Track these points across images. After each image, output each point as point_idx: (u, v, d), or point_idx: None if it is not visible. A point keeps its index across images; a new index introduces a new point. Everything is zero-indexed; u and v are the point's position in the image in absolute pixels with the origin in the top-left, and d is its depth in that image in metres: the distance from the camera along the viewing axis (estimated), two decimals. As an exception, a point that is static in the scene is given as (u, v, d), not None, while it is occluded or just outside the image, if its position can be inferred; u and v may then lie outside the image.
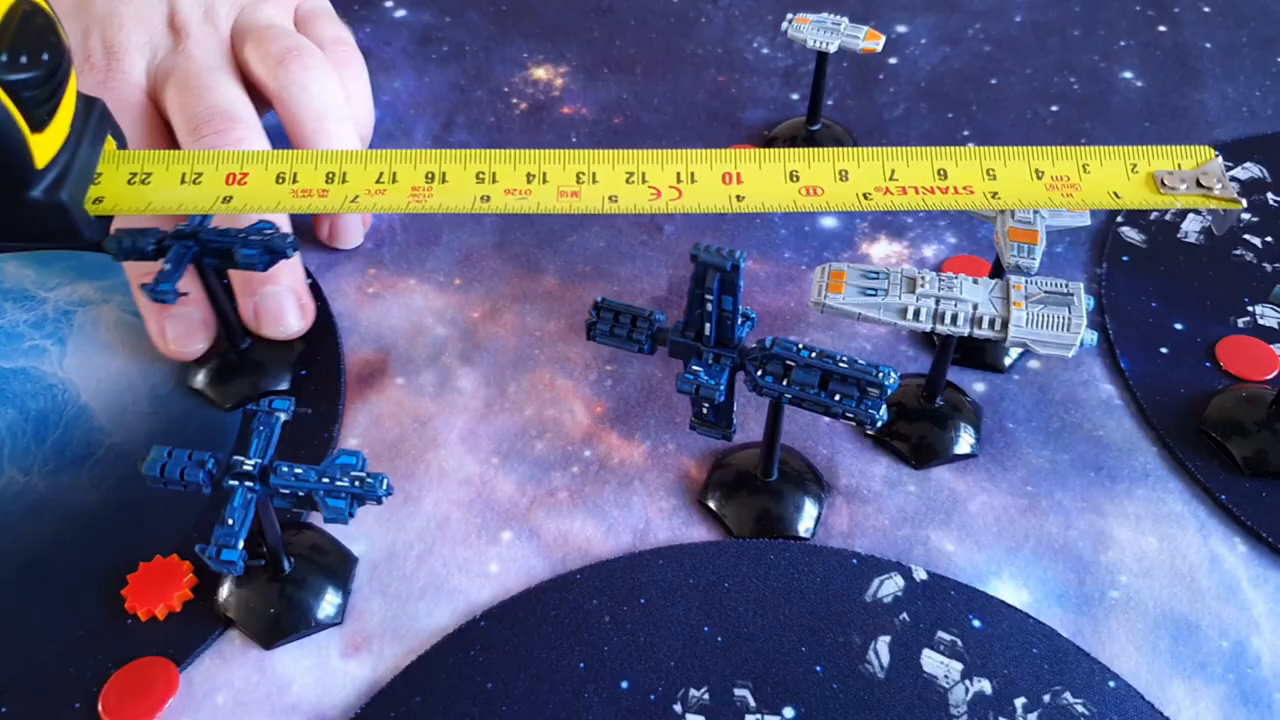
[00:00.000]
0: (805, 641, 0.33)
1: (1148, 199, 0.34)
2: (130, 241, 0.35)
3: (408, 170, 0.35)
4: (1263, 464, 0.37)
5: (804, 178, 0.35)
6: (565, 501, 0.37)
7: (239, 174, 0.35)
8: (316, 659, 0.33)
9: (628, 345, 0.34)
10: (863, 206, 0.34)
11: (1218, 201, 0.34)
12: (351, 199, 0.34)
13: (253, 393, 0.40)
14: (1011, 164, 0.35)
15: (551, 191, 0.34)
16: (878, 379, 0.31)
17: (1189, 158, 0.35)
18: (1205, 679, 0.32)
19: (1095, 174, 0.35)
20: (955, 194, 0.34)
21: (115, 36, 0.43)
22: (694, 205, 0.34)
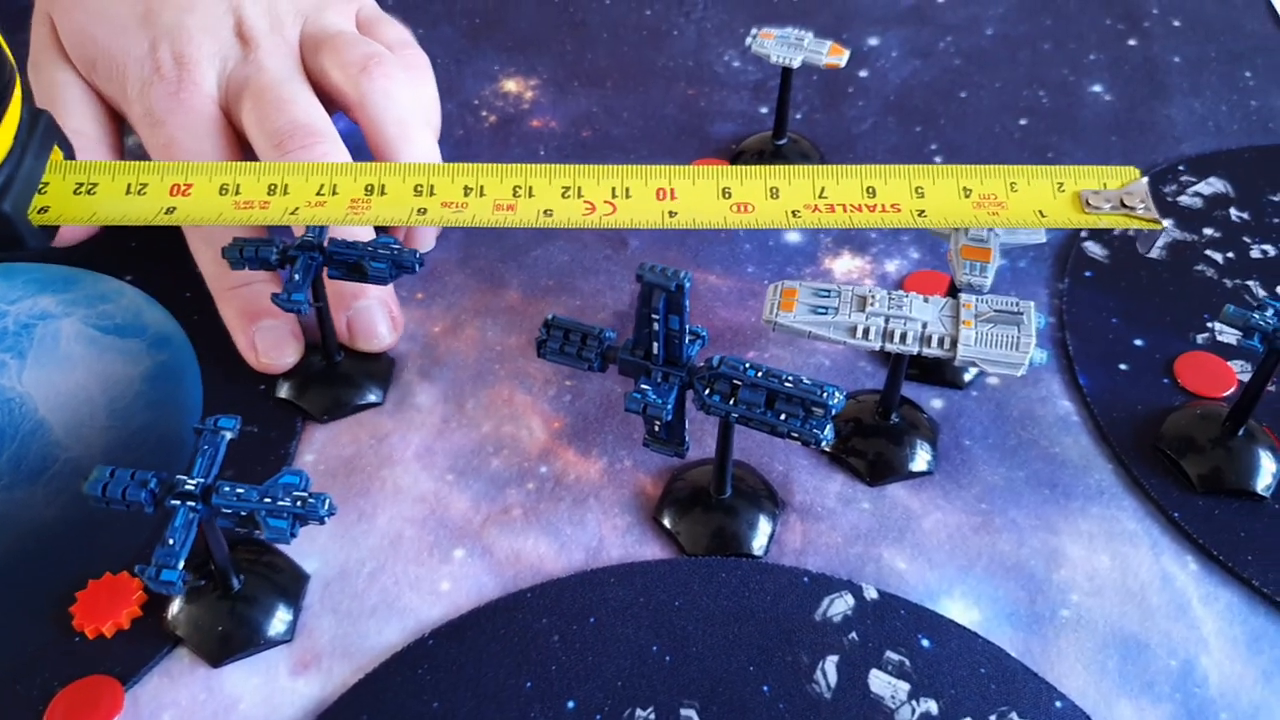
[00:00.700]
0: (753, 661, 0.33)
1: (1072, 218, 0.35)
2: (252, 251, 0.35)
3: (348, 183, 0.35)
4: (1217, 482, 0.37)
5: (735, 194, 0.35)
6: (519, 519, 0.37)
7: (183, 185, 0.35)
8: (265, 677, 0.33)
9: (577, 363, 0.34)
10: (791, 224, 0.34)
11: (1140, 222, 0.35)
12: (291, 211, 0.34)
13: (343, 404, 0.40)
14: (940, 182, 0.35)
15: (488, 205, 0.34)
16: (822, 399, 0.31)
17: (1115, 178, 0.36)
18: (1152, 698, 0.32)
19: (1022, 192, 0.35)
20: (883, 212, 0.35)
21: (185, 48, 0.43)
22: (627, 220, 0.34)
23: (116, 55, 0.43)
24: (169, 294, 0.44)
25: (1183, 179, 0.49)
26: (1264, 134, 0.52)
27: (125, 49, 0.43)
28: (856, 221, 0.35)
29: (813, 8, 0.60)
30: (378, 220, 0.34)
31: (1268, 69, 0.56)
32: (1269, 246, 0.46)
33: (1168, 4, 0.60)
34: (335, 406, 0.40)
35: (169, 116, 0.42)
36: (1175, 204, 0.48)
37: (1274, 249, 0.46)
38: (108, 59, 0.43)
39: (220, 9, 0.44)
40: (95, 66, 0.44)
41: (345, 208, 0.34)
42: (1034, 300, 0.44)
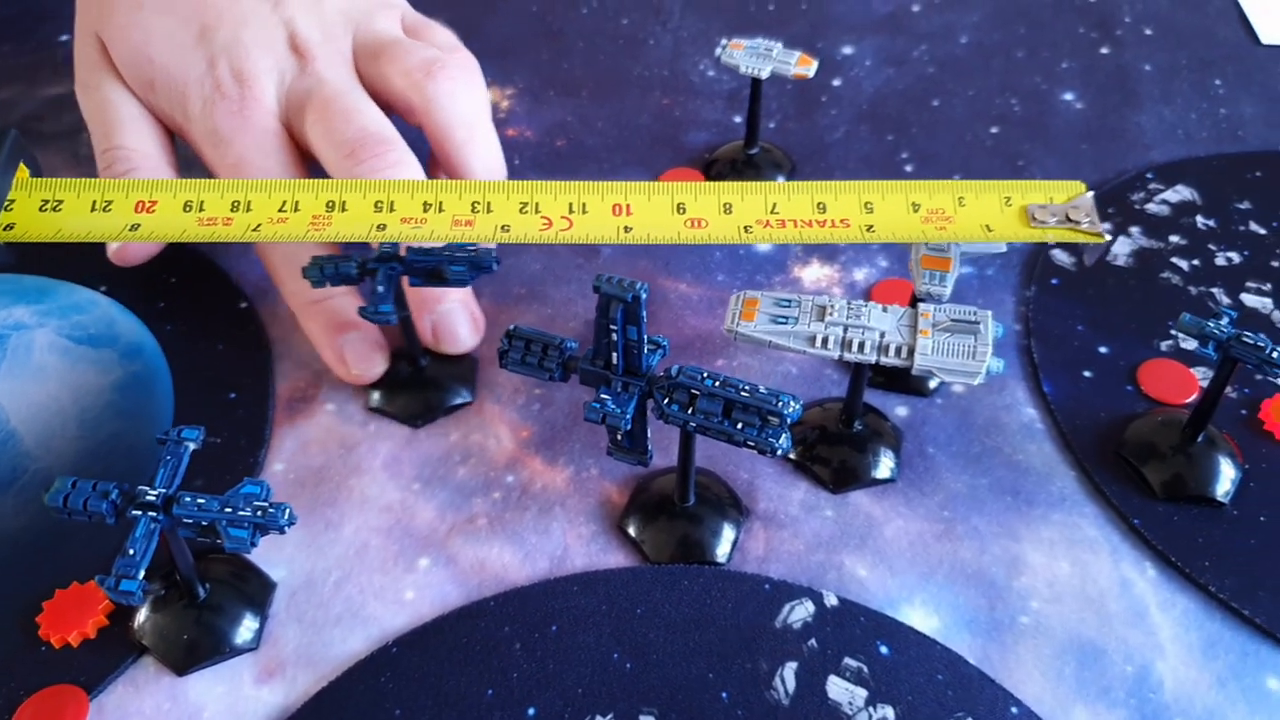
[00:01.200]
0: (713, 668, 0.33)
1: (1018, 232, 0.35)
2: (332, 268, 0.36)
3: (309, 199, 0.35)
4: (1177, 488, 0.37)
5: (690, 210, 0.35)
6: (484, 528, 0.37)
7: (148, 202, 0.35)
8: (229, 685, 0.33)
9: (538, 373, 0.34)
10: (743, 239, 0.35)
11: (1084, 236, 0.35)
12: (254, 227, 0.35)
13: (434, 408, 0.41)
14: (890, 197, 0.36)
15: (446, 220, 0.35)
16: (777, 408, 0.31)
17: (1062, 192, 0.36)
18: (1107, 704, 0.33)
19: (970, 207, 0.36)
20: (832, 227, 0.35)
21: (243, 64, 0.43)
22: (583, 236, 0.35)
23: (176, 75, 0.43)
24: (143, 304, 0.44)
25: (1151, 186, 0.49)
26: (1233, 142, 0.52)
27: (184, 69, 0.43)
28: (806, 237, 0.35)
29: (789, 17, 0.61)
30: (338, 237, 0.35)
31: (1238, 77, 0.56)
32: (1233, 254, 0.46)
33: (1141, 12, 0.61)
34: (427, 410, 0.40)
35: (235, 135, 0.42)
36: (1143, 211, 0.48)
37: (1238, 256, 0.46)
38: (167, 79, 0.43)
39: (273, 22, 0.44)
40: (154, 87, 0.44)
41: (307, 224, 0.35)
42: (1001, 307, 0.44)
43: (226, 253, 0.47)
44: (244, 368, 0.42)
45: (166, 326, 0.44)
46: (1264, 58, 0.57)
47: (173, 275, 0.46)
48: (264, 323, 0.44)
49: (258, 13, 0.44)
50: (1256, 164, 0.51)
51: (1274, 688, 0.33)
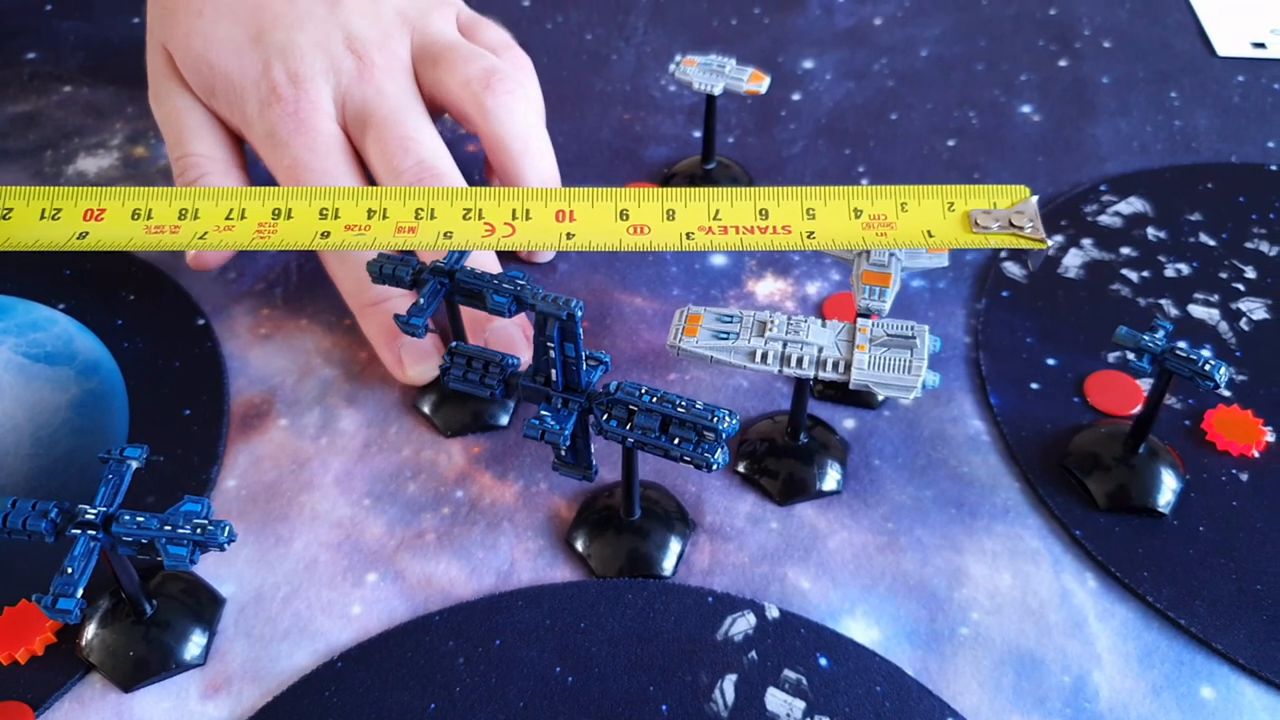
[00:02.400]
0: (654, 681, 0.33)
1: (959, 238, 0.35)
2: (391, 268, 0.36)
3: (256, 207, 0.36)
4: (1120, 499, 0.38)
5: (633, 216, 0.36)
6: (432, 543, 0.38)
7: (97, 210, 0.36)
8: (175, 701, 0.34)
9: (480, 390, 0.34)
10: (685, 246, 0.35)
11: (1027, 241, 0.35)
12: (200, 235, 0.35)
13: (475, 422, 0.41)
14: (832, 203, 0.36)
15: (390, 228, 0.35)
16: (713, 423, 0.32)
17: (1005, 197, 0.36)
18: (1043, 714, 0.33)
19: (912, 213, 0.36)
20: (774, 234, 0.35)
21: (298, 66, 0.43)
22: (524, 242, 0.35)
23: (234, 79, 0.44)
24: (102, 322, 0.45)
25: (1104, 198, 0.50)
26: (1186, 153, 0.53)
27: (242, 72, 0.44)
28: (748, 244, 0.35)
29: (751, 31, 0.61)
30: (283, 245, 0.35)
31: (1193, 89, 0.57)
32: (1183, 265, 0.47)
33: (1100, 25, 0.61)
34: (463, 426, 0.41)
35: (291, 138, 0.42)
36: (1095, 223, 0.49)
37: (1188, 268, 0.46)
38: (226, 84, 0.44)
39: (329, 23, 0.45)
40: (215, 92, 0.44)
41: (252, 232, 0.35)
42: (951, 320, 0.45)
43: (186, 270, 0.47)
44: (199, 384, 0.43)
45: (124, 344, 0.44)
46: (1220, 70, 0.58)
47: (131, 293, 0.46)
48: (220, 339, 0.44)
49: (314, 14, 0.45)
50: (1208, 175, 0.51)
51: (1208, 696, 0.33)
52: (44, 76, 0.59)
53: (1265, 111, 0.55)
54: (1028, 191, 0.36)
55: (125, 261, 0.48)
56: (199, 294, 0.46)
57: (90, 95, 0.57)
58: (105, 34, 0.61)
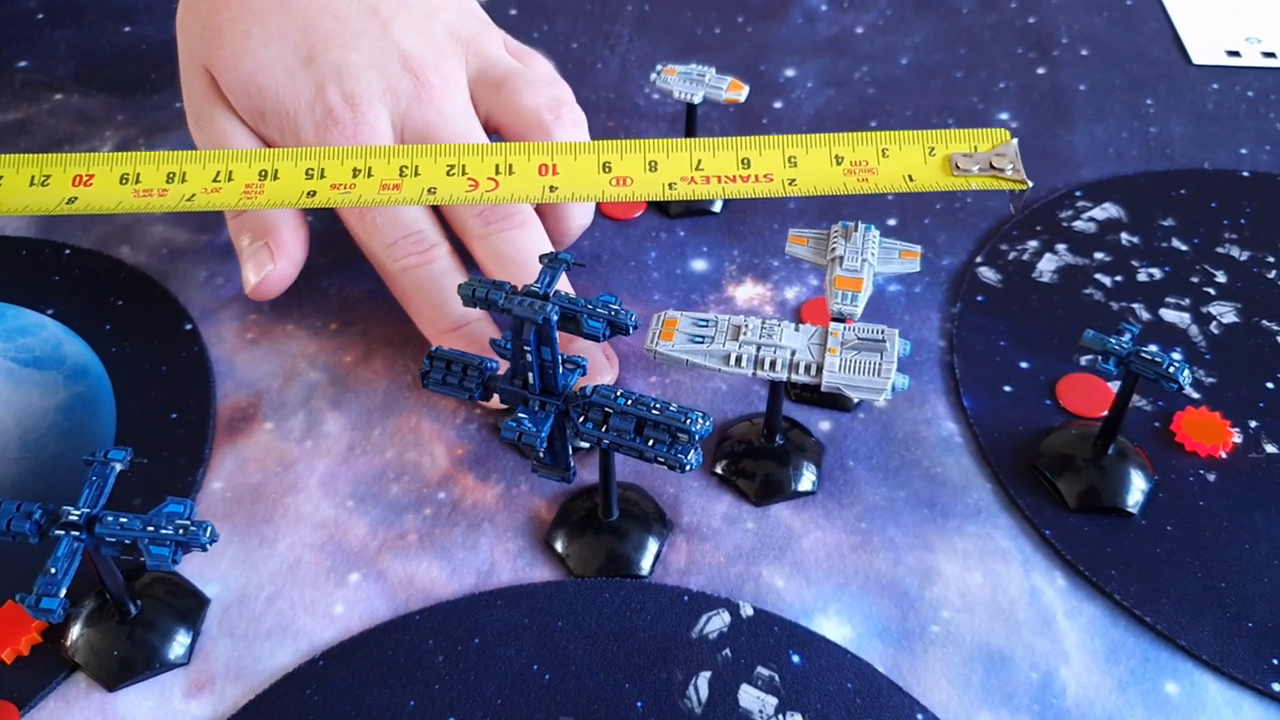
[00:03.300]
0: (629, 678, 0.34)
1: (940, 181, 0.36)
2: (484, 292, 0.36)
3: (243, 169, 0.36)
4: (1090, 500, 0.38)
5: (615, 169, 0.37)
6: (414, 544, 0.38)
7: (85, 175, 0.36)
8: (159, 700, 0.34)
9: (459, 393, 0.35)
10: (667, 196, 0.36)
11: (1008, 183, 0.36)
12: (188, 197, 0.36)
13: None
14: (813, 150, 0.37)
15: (375, 185, 0.36)
16: (686, 425, 0.32)
17: (985, 141, 0.37)
18: (1011, 710, 0.34)
19: (893, 158, 0.37)
20: (756, 182, 0.36)
21: (354, 87, 0.42)
22: (508, 195, 0.36)
23: (286, 103, 0.43)
24: (90, 327, 0.45)
25: (1079, 204, 0.51)
26: (1161, 159, 0.53)
27: (295, 95, 0.43)
28: (729, 192, 0.36)
29: (734, 40, 0.62)
30: (270, 204, 0.36)
31: (1169, 96, 0.58)
32: (1155, 270, 0.47)
33: (1078, 33, 0.62)
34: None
35: None
36: (1070, 229, 0.49)
37: (1160, 272, 0.47)
38: (277, 107, 0.43)
39: (383, 42, 0.44)
40: (264, 117, 0.43)
41: (240, 192, 0.36)
42: (927, 324, 0.46)
43: (174, 276, 0.48)
44: (186, 388, 0.43)
45: (112, 348, 0.45)
46: (1195, 77, 0.59)
47: (120, 298, 0.47)
48: (208, 344, 0.45)
49: (367, 34, 0.44)
50: (1182, 181, 0.52)
51: (1172, 691, 0.34)
52: (35, 85, 0.59)
53: (1238, 118, 0.56)
54: (1008, 134, 0.37)
55: (114, 267, 0.48)
56: (187, 299, 0.47)
57: (81, 103, 0.58)
58: (96, 42, 0.62)
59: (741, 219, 0.51)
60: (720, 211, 0.51)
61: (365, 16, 0.44)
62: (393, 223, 0.42)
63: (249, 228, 0.43)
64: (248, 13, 0.44)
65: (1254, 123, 0.56)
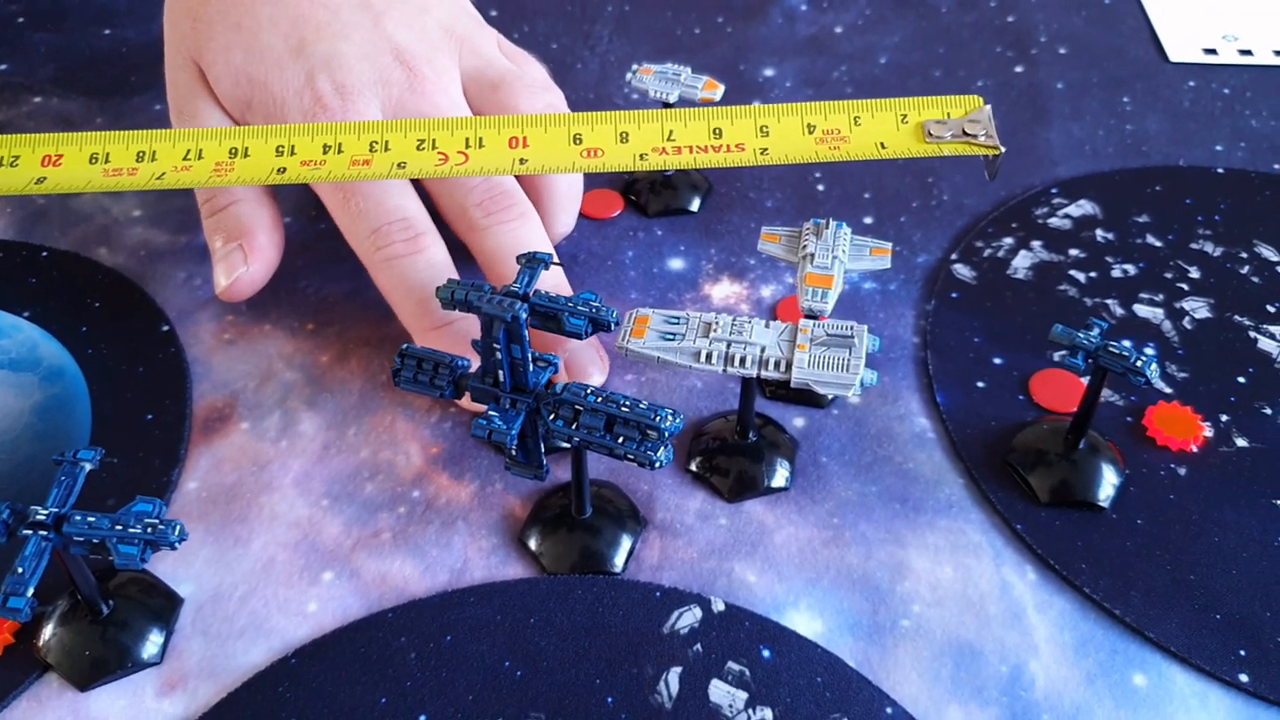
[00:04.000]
0: (600, 674, 0.34)
1: (912, 148, 0.36)
2: (464, 293, 0.35)
3: (213, 146, 0.36)
4: (1062, 494, 0.39)
5: (586, 140, 0.37)
6: (388, 542, 0.38)
7: (54, 155, 0.36)
8: (131, 699, 0.34)
9: (430, 391, 0.35)
10: (638, 166, 0.36)
11: (980, 149, 0.36)
12: (158, 176, 0.36)
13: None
14: (785, 119, 0.37)
15: (345, 161, 0.36)
16: (655, 422, 0.32)
17: (958, 107, 0.37)
18: (980, 703, 0.34)
19: (865, 126, 0.37)
20: (728, 152, 0.36)
21: (345, 77, 0.42)
22: (478, 168, 0.36)
23: (274, 90, 0.43)
24: (67, 329, 0.45)
25: (1054, 201, 0.51)
26: (1136, 156, 0.54)
27: (283, 83, 0.43)
28: (701, 162, 0.36)
29: (714, 40, 0.62)
30: (240, 181, 0.36)
31: (1146, 93, 0.58)
32: (1129, 266, 0.48)
33: (1056, 32, 0.63)
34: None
35: None
36: (1045, 226, 0.50)
37: (1134, 268, 0.48)
38: (265, 95, 0.43)
39: (375, 34, 0.44)
40: (252, 107, 0.43)
41: (210, 170, 0.36)
42: (901, 321, 0.46)
43: (152, 277, 0.48)
44: (163, 389, 0.43)
45: (89, 350, 0.45)
46: (1172, 75, 0.59)
47: (97, 300, 0.47)
48: (185, 345, 0.45)
49: (360, 25, 0.44)
50: (1157, 178, 0.52)
51: (1140, 683, 0.34)
52: (15, 87, 0.59)
53: (1214, 116, 0.56)
54: (980, 100, 0.37)
55: (91, 269, 0.48)
56: (164, 300, 0.47)
57: (60, 106, 0.58)
58: (76, 45, 0.62)
59: (719, 218, 0.51)
60: (698, 210, 0.51)
61: (357, 9, 0.44)
62: (377, 208, 0.42)
63: (223, 229, 0.43)
64: (238, 4, 0.44)
65: (1229, 120, 0.56)
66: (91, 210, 0.52)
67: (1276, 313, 0.45)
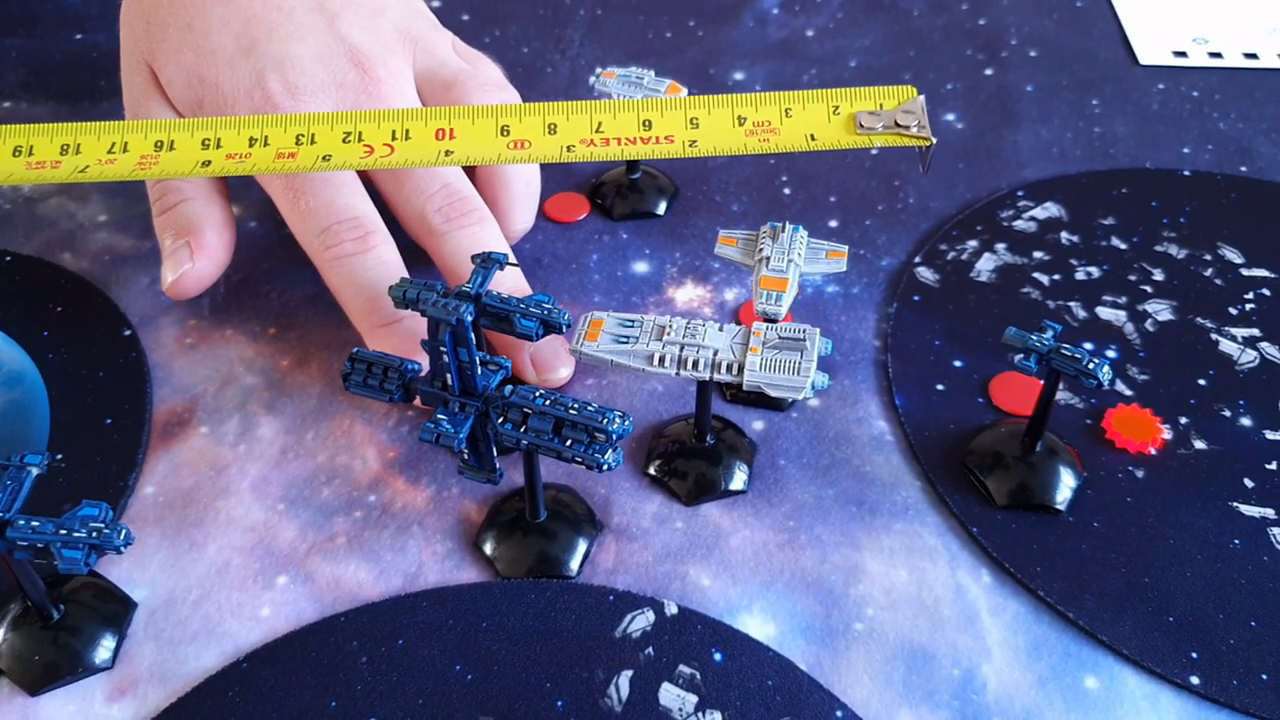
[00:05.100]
0: (551, 678, 0.34)
1: (842, 139, 0.36)
2: (415, 292, 0.35)
3: (138, 140, 0.36)
4: (1019, 497, 0.39)
5: (514, 132, 0.37)
6: (343, 546, 0.38)
7: None
8: (81, 704, 0.34)
9: (380, 395, 0.35)
10: (565, 158, 0.36)
11: (912, 139, 0.36)
12: (81, 169, 0.36)
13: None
14: (715, 112, 0.37)
15: (270, 154, 0.36)
16: (603, 425, 0.32)
17: (891, 98, 0.37)
18: (931, 706, 0.34)
19: (796, 118, 0.36)
20: (657, 144, 0.36)
21: (297, 78, 0.42)
22: (403, 160, 0.36)
23: (225, 90, 0.43)
24: (27, 334, 0.45)
25: (1020, 204, 0.51)
26: (1104, 159, 0.54)
27: (234, 83, 0.43)
28: (629, 154, 0.36)
29: (685, 43, 0.62)
30: (164, 174, 0.36)
31: (1114, 96, 0.58)
32: (1093, 268, 0.48)
33: (1027, 34, 0.63)
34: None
35: None
36: (1010, 228, 0.50)
37: (1098, 271, 0.48)
38: (215, 95, 0.43)
39: (329, 35, 0.44)
40: (202, 105, 0.43)
41: (134, 164, 0.36)
42: (863, 324, 0.46)
43: (114, 282, 0.48)
44: (122, 394, 0.43)
45: (49, 355, 0.45)
46: (1141, 77, 0.59)
47: (59, 304, 0.47)
48: (146, 349, 0.45)
49: (313, 27, 0.44)
50: (1123, 181, 0.52)
51: (1091, 686, 0.34)
52: (-16, 93, 0.59)
53: (1182, 118, 0.56)
54: (914, 91, 0.37)
55: (54, 274, 0.48)
56: (127, 305, 0.47)
57: (30, 111, 0.58)
58: (46, 50, 0.62)
59: (685, 221, 0.51)
60: (664, 214, 0.51)
61: (311, 11, 0.44)
62: (327, 207, 0.42)
63: (172, 227, 0.43)
64: (190, 6, 0.44)
65: (1197, 122, 0.56)
66: (57, 215, 0.52)
67: (1239, 315, 0.45)
